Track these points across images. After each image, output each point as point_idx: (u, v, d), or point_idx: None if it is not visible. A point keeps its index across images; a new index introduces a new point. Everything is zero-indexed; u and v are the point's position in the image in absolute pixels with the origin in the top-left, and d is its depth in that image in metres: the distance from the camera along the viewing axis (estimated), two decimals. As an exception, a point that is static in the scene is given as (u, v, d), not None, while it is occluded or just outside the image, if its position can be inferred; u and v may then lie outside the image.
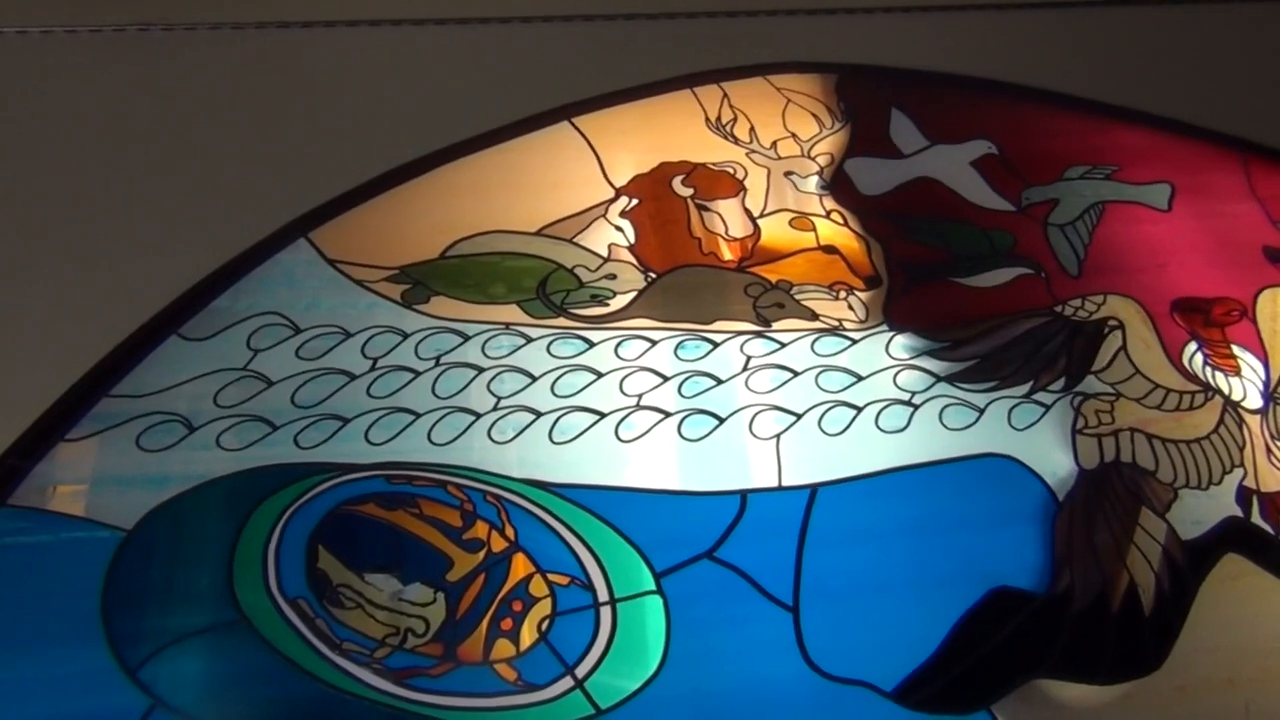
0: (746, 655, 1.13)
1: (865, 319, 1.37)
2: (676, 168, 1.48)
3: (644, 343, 1.31)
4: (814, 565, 1.19)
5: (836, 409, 1.30)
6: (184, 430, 1.17)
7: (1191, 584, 1.25)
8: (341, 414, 1.21)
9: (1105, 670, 1.18)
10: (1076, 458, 1.31)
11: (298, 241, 1.32)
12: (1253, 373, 1.42)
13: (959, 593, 1.20)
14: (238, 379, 1.22)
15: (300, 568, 1.10)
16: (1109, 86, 1.67)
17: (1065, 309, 1.43)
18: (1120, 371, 1.39)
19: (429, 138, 1.44)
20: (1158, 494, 1.30)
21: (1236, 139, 1.65)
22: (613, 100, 1.52)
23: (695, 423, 1.26)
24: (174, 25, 1.52)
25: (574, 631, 1.12)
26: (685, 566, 1.17)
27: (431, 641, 1.09)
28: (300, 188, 1.36)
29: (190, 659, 1.05)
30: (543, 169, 1.44)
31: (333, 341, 1.25)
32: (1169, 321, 1.44)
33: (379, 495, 1.16)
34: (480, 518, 1.16)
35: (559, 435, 1.23)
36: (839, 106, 1.59)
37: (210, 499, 1.14)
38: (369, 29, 1.58)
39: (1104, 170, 1.58)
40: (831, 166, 1.52)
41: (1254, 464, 1.34)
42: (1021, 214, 1.52)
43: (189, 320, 1.25)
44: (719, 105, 1.55)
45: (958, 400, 1.32)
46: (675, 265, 1.38)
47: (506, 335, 1.29)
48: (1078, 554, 1.24)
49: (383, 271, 1.32)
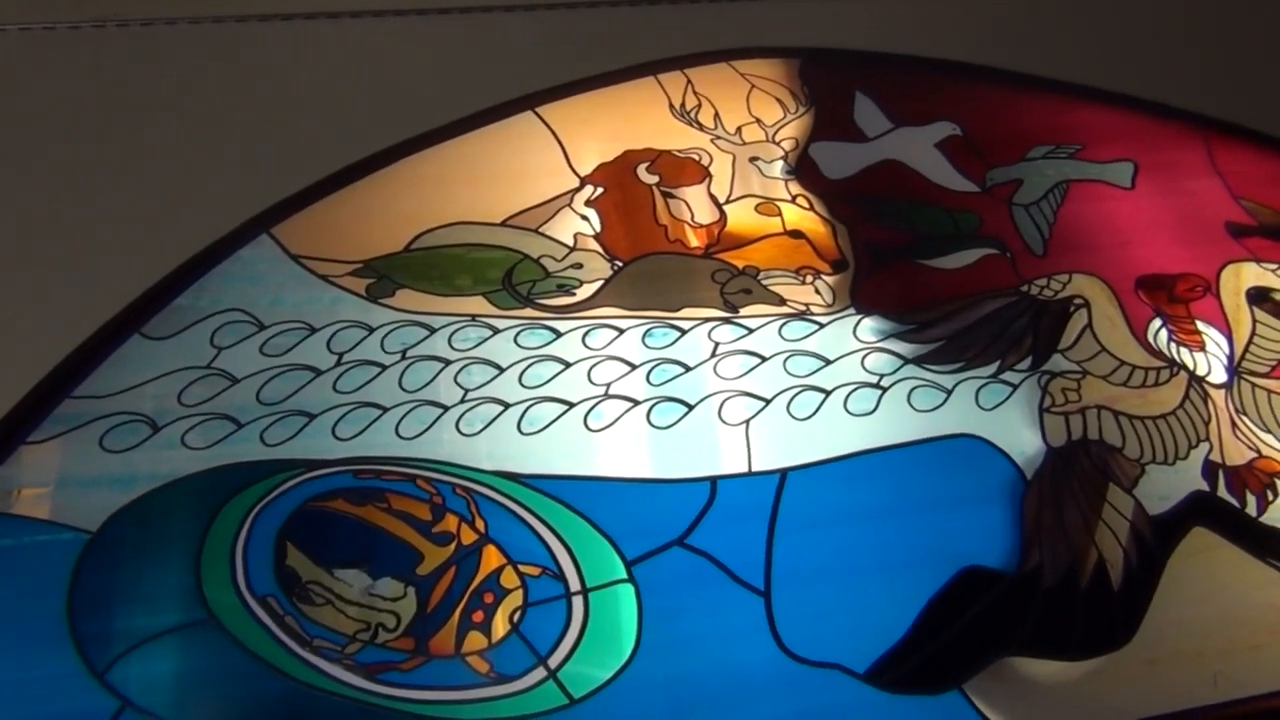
0: (719, 641, 1.14)
1: (832, 303, 1.37)
2: (641, 155, 1.47)
3: (612, 331, 1.31)
4: (785, 549, 1.19)
5: (805, 393, 1.30)
6: (148, 430, 1.16)
7: (1159, 558, 1.26)
8: (307, 410, 1.20)
9: (1075, 646, 1.19)
10: (1044, 436, 1.31)
11: (260, 237, 1.31)
12: (1217, 348, 1.43)
13: (929, 573, 1.20)
14: (202, 377, 1.21)
15: (269, 565, 1.10)
16: (1071, 66, 1.68)
17: (1031, 288, 1.44)
18: (1086, 349, 1.39)
19: (391, 130, 1.43)
20: (1125, 470, 1.31)
21: (1198, 116, 1.67)
22: (576, 89, 1.52)
23: (664, 410, 1.26)
24: (130, 21, 1.50)
25: (546, 622, 1.11)
26: (656, 554, 1.17)
27: (403, 636, 1.08)
28: (262, 183, 1.35)
29: (159, 659, 1.05)
30: (507, 159, 1.44)
31: (297, 337, 1.25)
32: (1134, 298, 1.45)
33: (347, 490, 1.15)
34: (450, 511, 1.16)
35: (528, 426, 1.23)
36: (803, 91, 1.59)
37: (176, 498, 1.13)
38: (329, 22, 1.57)
39: (1067, 149, 1.59)
40: (796, 151, 1.53)
41: (1219, 438, 1.35)
42: (986, 195, 1.52)
43: (151, 319, 1.24)
44: (683, 92, 1.55)
45: (925, 382, 1.33)
46: (641, 253, 1.38)
47: (473, 327, 1.29)
48: (1046, 532, 1.25)
49: (347, 266, 1.31)
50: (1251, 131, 1.67)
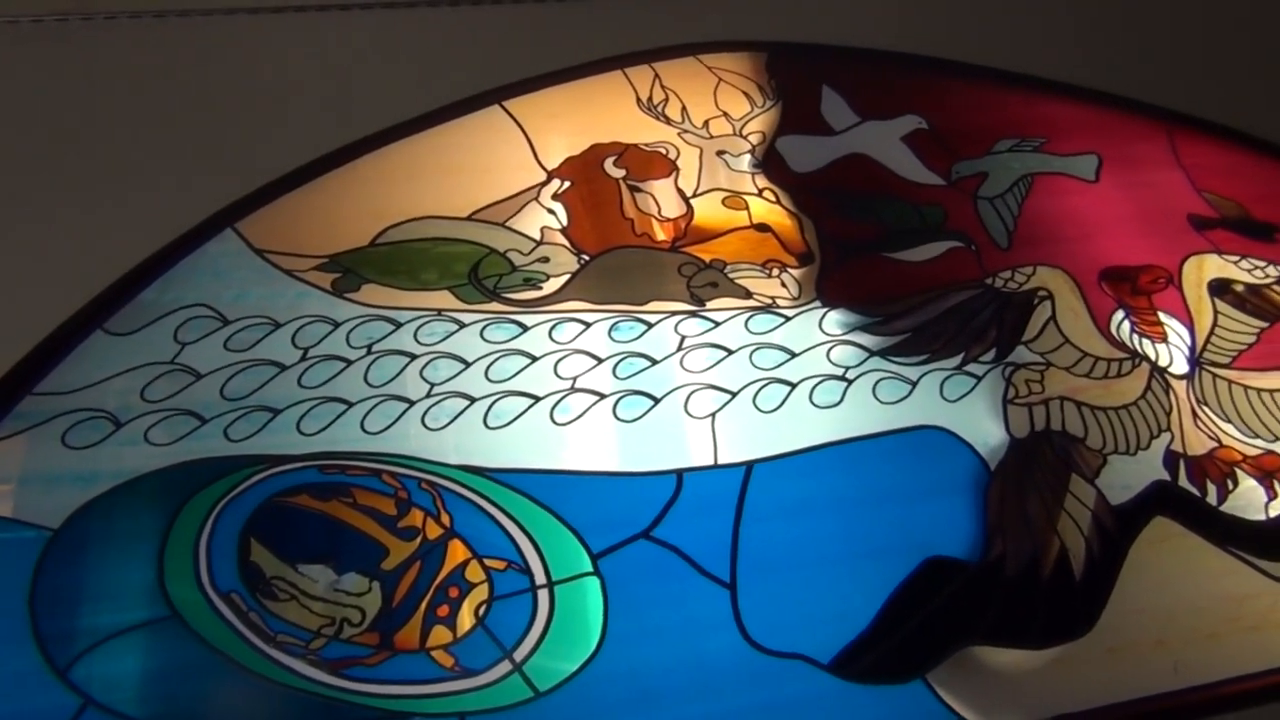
0: (684, 633, 1.14)
1: (798, 296, 1.38)
2: (608, 149, 1.47)
3: (578, 325, 1.31)
4: (750, 541, 1.20)
5: (771, 386, 1.30)
6: (111, 426, 1.16)
7: (1121, 548, 1.27)
8: (272, 405, 1.19)
9: (1037, 635, 1.20)
10: (1008, 427, 1.32)
11: (224, 232, 1.30)
12: (1179, 339, 1.45)
13: (894, 564, 1.21)
14: (165, 373, 1.20)
15: (232, 561, 1.09)
16: (1036, 61, 1.69)
17: (995, 281, 1.45)
18: (1050, 341, 1.41)
19: (357, 124, 1.43)
20: (1087, 460, 1.32)
21: (1161, 109, 1.68)
22: (543, 83, 1.52)
23: (630, 404, 1.27)
24: (93, 15, 1.49)
25: (512, 615, 1.11)
26: (622, 547, 1.17)
27: (368, 631, 1.08)
28: (226, 177, 1.34)
29: (121, 657, 1.04)
30: (473, 153, 1.44)
31: (262, 332, 1.24)
32: (1097, 291, 1.46)
33: (312, 486, 1.15)
34: (415, 505, 1.16)
35: (494, 420, 1.23)
36: (770, 84, 1.60)
37: (139, 495, 1.12)
38: (295, 15, 1.56)
39: (1032, 143, 1.60)
40: (763, 145, 1.53)
41: (1180, 428, 1.37)
42: (952, 188, 1.53)
43: (114, 314, 1.23)
44: (650, 86, 1.55)
45: (890, 374, 1.34)
46: (608, 247, 1.38)
47: (439, 321, 1.29)
48: (1009, 522, 1.26)
49: (312, 260, 1.30)
50: (1214, 125, 1.69)
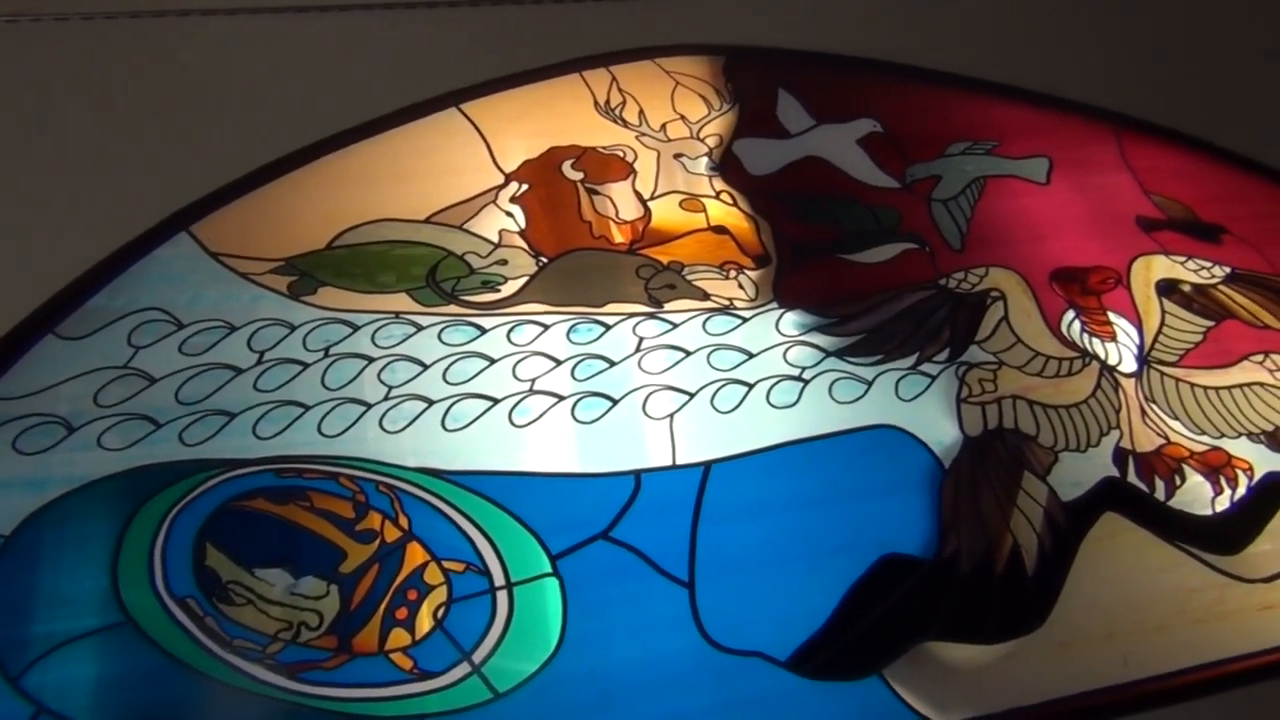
0: (643, 633, 1.15)
1: (755, 297, 1.39)
2: (566, 152, 1.48)
3: (536, 327, 1.31)
4: (709, 541, 1.21)
5: (728, 387, 1.31)
6: (63, 431, 1.14)
7: (1072, 543, 1.29)
8: (228, 409, 1.19)
9: (991, 630, 1.22)
10: (961, 426, 1.34)
11: (178, 235, 1.30)
12: (1127, 338, 1.47)
13: (850, 562, 1.23)
14: (119, 377, 1.19)
15: (188, 566, 1.09)
16: (989, 64, 1.71)
17: (949, 282, 1.47)
18: (1002, 341, 1.43)
19: (314, 127, 1.42)
20: (1039, 458, 1.34)
21: (1110, 113, 1.71)
22: (501, 86, 1.52)
23: (589, 405, 1.27)
24: (43, 16, 1.48)
25: (471, 617, 1.12)
26: (581, 548, 1.17)
27: (326, 634, 1.08)
28: (181, 180, 1.33)
29: (75, 664, 1.03)
30: (431, 156, 1.44)
31: (217, 336, 1.23)
32: (1048, 291, 1.49)
33: (268, 490, 1.15)
34: (373, 508, 1.15)
35: (452, 423, 1.23)
36: (727, 88, 1.61)
37: (93, 500, 1.11)
38: (251, 17, 1.55)
39: (984, 145, 1.63)
40: (720, 148, 1.54)
41: (1129, 426, 1.39)
42: (906, 190, 1.55)
43: (66, 319, 1.21)
44: (608, 89, 1.56)
45: (846, 374, 1.35)
46: (566, 249, 1.39)
47: (397, 324, 1.28)
48: (963, 519, 1.27)
49: (268, 263, 1.30)
50: (1162, 128, 1.72)
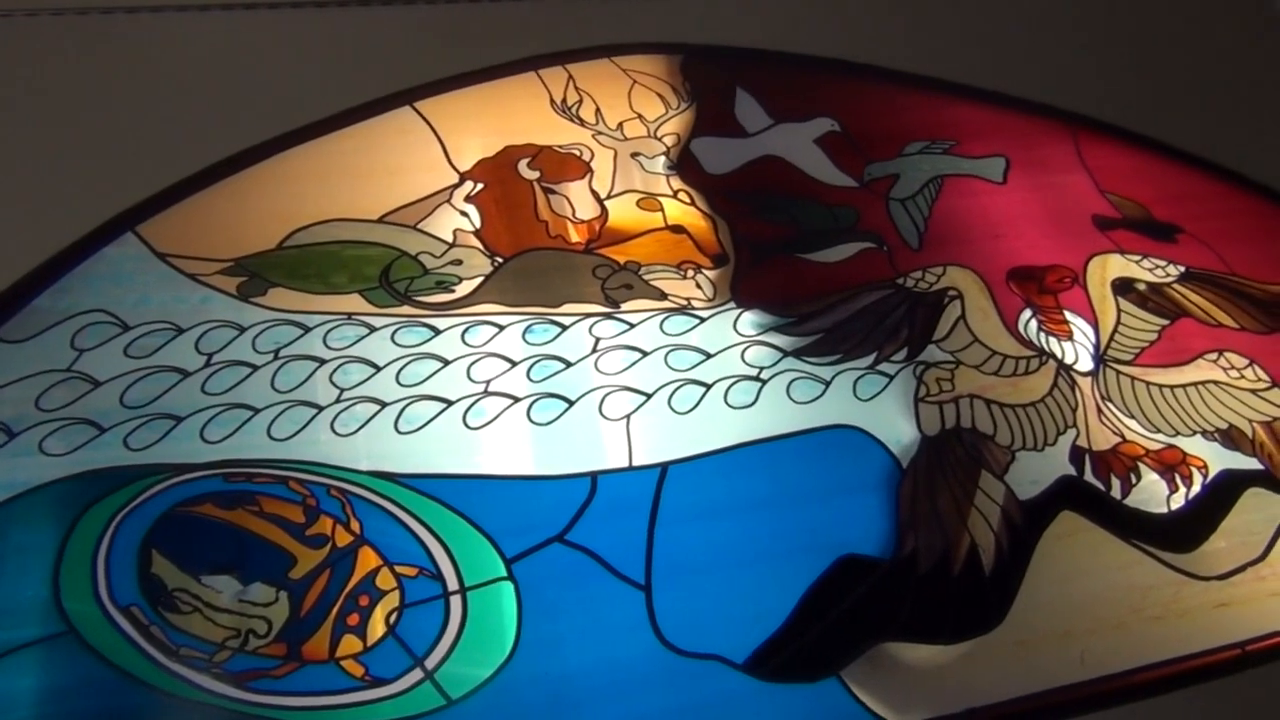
0: (599, 636, 1.14)
1: (713, 297, 1.38)
2: (522, 151, 1.46)
3: (492, 328, 1.30)
4: (665, 543, 1.20)
5: (686, 387, 1.30)
6: (4, 437, 1.12)
7: (1029, 542, 1.29)
8: (174, 413, 1.16)
9: (949, 630, 1.22)
10: (919, 425, 1.34)
11: (125, 235, 1.27)
12: (1084, 336, 1.48)
13: (808, 563, 1.22)
14: (62, 380, 1.16)
15: (132, 574, 1.06)
16: (946, 64, 1.71)
17: (907, 281, 1.47)
18: (960, 340, 1.43)
19: (265, 125, 1.40)
20: (996, 457, 1.34)
21: (1067, 112, 1.72)
22: (456, 84, 1.50)
23: (545, 406, 1.26)
24: (-10, 12, 1.44)
25: (423, 623, 1.10)
26: (536, 551, 1.16)
27: (274, 642, 1.06)
28: (127, 179, 1.31)
29: (16, 675, 1.01)
30: (384, 155, 1.42)
31: (164, 338, 1.21)
32: (1005, 290, 1.49)
33: (216, 495, 1.12)
34: (324, 512, 1.14)
35: (405, 425, 1.21)
36: (684, 87, 1.60)
37: (33, 507, 1.09)
38: (199, 14, 1.52)
39: (942, 145, 1.63)
40: (678, 146, 1.53)
41: (1086, 424, 1.40)
42: (864, 189, 1.55)
43: (7, 321, 1.19)
44: (564, 87, 1.55)
45: (804, 374, 1.34)
46: (522, 249, 1.37)
47: (349, 325, 1.27)
48: (921, 518, 1.27)
49: (217, 264, 1.27)
50: (1117, 128, 1.73)
